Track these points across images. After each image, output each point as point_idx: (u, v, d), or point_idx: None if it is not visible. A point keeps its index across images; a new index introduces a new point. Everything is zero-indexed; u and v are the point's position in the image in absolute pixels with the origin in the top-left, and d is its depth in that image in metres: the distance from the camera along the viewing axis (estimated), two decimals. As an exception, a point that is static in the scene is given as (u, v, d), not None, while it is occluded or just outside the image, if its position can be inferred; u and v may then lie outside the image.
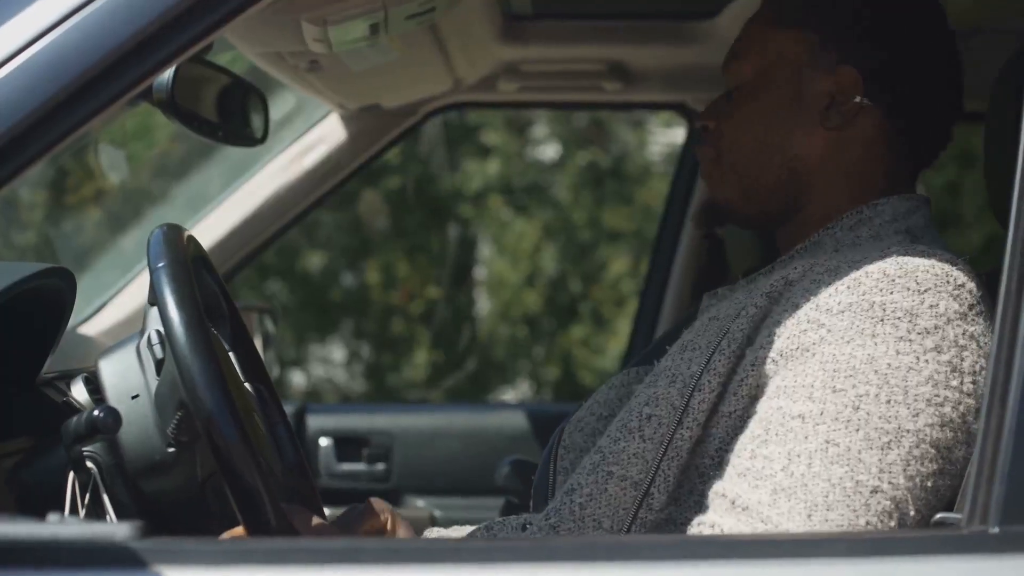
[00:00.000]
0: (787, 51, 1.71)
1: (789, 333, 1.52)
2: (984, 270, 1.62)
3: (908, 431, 1.45)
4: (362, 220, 8.41)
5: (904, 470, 1.44)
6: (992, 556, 1.28)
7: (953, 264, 1.54)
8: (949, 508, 1.48)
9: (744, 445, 1.50)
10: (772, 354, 1.53)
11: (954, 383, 1.48)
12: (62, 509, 1.73)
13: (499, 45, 3.09)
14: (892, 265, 1.53)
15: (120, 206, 5.75)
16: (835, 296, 1.51)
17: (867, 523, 1.42)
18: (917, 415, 1.46)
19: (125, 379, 1.76)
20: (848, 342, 1.49)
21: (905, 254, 1.54)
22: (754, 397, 1.55)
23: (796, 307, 1.53)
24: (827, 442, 1.45)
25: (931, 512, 1.47)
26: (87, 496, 1.74)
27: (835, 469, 1.44)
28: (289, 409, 3.18)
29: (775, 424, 1.49)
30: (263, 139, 2.63)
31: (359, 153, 3.27)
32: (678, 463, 1.56)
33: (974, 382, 1.49)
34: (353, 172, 3.31)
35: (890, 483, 1.44)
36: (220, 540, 1.37)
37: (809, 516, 1.42)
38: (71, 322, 2.04)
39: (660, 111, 6.66)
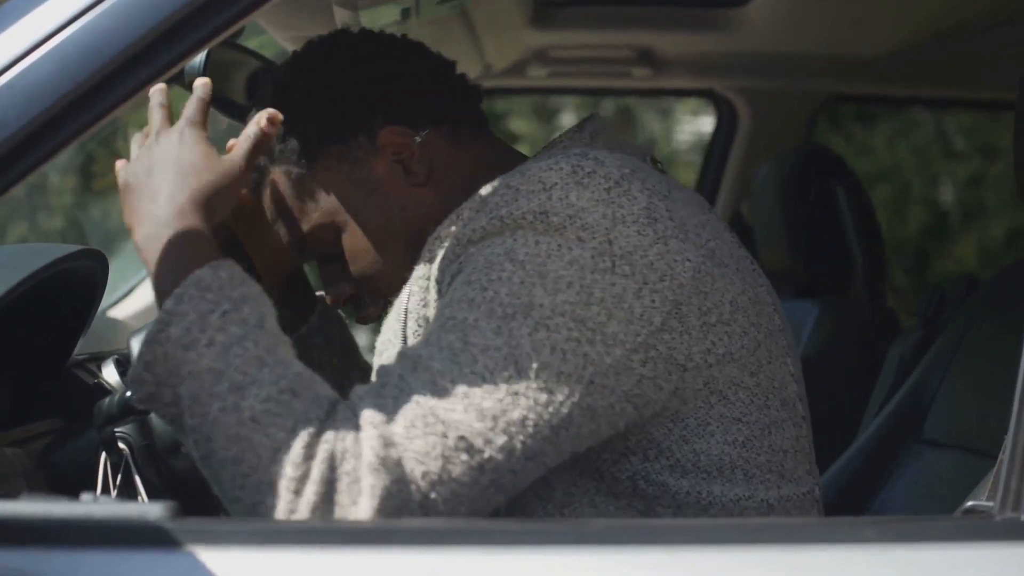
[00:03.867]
0: (333, 181, 1.70)
1: (444, 274, 1.52)
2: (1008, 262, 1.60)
3: (541, 305, 1.43)
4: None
5: (530, 334, 1.42)
6: (1024, 543, 1.27)
7: (582, 156, 1.52)
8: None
9: None
10: (436, 302, 1.54)
11: (604, 265, 1.46)
12: (93, 490, 1.75)
13: (529, 31, 3.09)
14: (515, 176, 1.51)
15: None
16: (471, 225, 1.50)
17: (473, 372, 1.40)
18: (555, 293, 1.44)
19: None
20: (487, 248, 1.47)
21: (529, 164, 1.53)
22: None
23: (446, 249, 1.53)
24: (448, 318, 1.44)
25: (596, 376, 1.44)
26: (119, 477, 1.76)
27: (447, 336, 1.43)
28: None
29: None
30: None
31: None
32: None
33: (631, 262, 1.46)
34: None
35: (507, 343, 1.42)
36: (253, 520, 1.38)
37: (414, 368, 1.42)
38: (101, 305, 2.05)
39: (688, 98, 6.64)
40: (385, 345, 1.65)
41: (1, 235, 5.61)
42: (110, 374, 2.04)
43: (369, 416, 1.39)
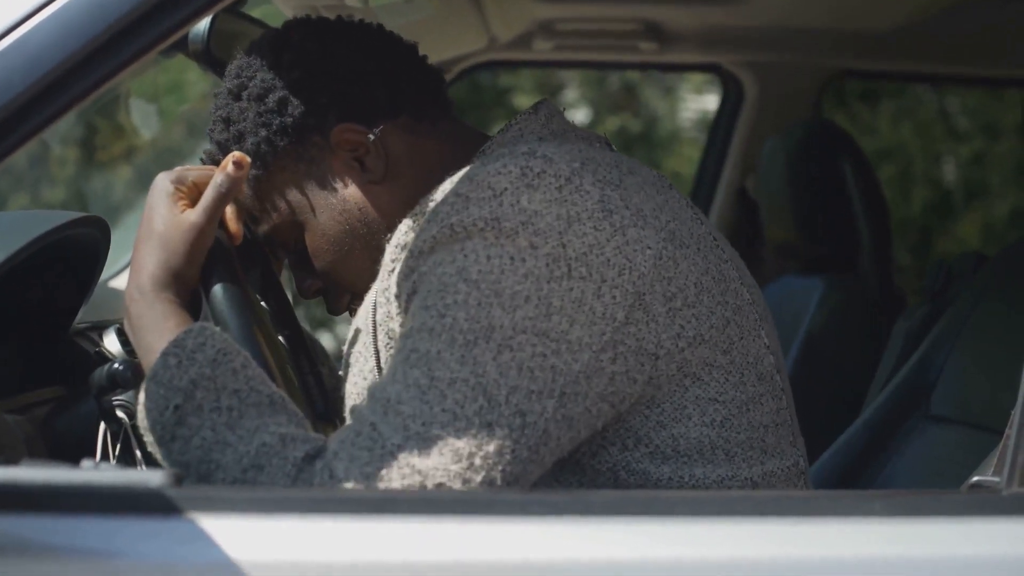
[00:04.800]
0: (289, 182, 1.68)
1: (401, 288, 1.51)
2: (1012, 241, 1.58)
3: (501, 326, 1.42)
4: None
5: (494, 358, 1.41)
6: (1032, 518, 1.27)
7: (530, 155, 1.50)
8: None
9: None
10: (399, 316, 1.53)
11: (559, 272, 1.44)
12: (93, 457, 1.74)
13: (535, 2, 3.07)
14: (463, 183, 1.49)
15: (151, 162, 5.75)
16: (423, 235, 1.48)
17: (444, 410, 1.39)
18: (514, 310, 1.42)
19: None
20: (439, 265, 1.46)
21: (477, 168, 1.50)
22: None
23: (402, 261, 1.51)
24: (411, 351, 1.43)
25: (568, 386, 1.43)
26: (118, 444, 1.75)
27: (412, 372, 1.42)
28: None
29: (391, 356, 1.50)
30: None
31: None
32: None
33: (587, 263, 1.45)
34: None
35: (473, 372, 1.41)
36: (254, 488, 1.37)
37: (385, 413, 1.41)
38: (103, 275, 2.05)
39: (695, 72, 6.62)
40: (356, 358, 1.63)
41: (3, 205, 5.61)
42: (111, 343, 2.03)
43: (344, 474, 1.39)
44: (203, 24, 2.02)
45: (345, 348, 1.68)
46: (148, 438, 1.46)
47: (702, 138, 6.52)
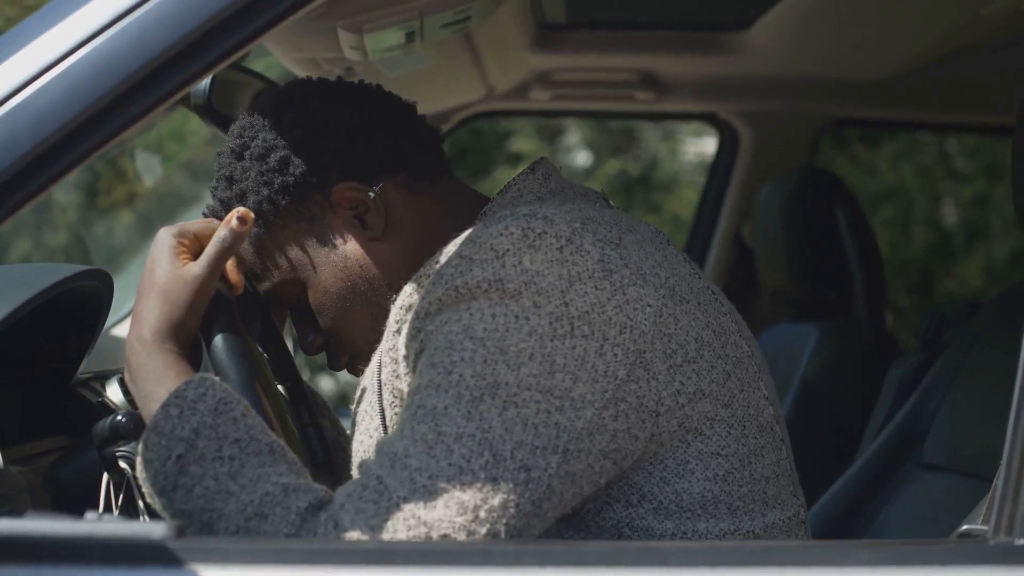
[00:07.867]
0: (290, 240, 1.71)
1: (409, 349, 1.53)
2: (1012, 283, 1.60)
3: (506, 382, 1.44)
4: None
5: (500, 414, 1.43)
6: (1019, 568, 1.28)
7: (531, 217, 1.52)
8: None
9: None
10: (406, 376, 1.55)
11: (562, 330, 1.47)
12: (97, 508, 1.76)
13: (532, 54, 3.11)
14: (466, 245, 1.52)
15: (153, 208, 5.78)
16: (428, 297, 1.51)
17: (450, 464, 1.42)
18: (519, 367, 1.45)
19: None
20: (445, 324, 1.49)
21: (480, 230, 1.53)
22: None
23: (409, 322, 1.54)
24: (418, 407, 1.46)
25: (571, 443, 1.45)
26: (121, 495, 1.77)
27: (419, 427, 1.45)
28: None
29: (399, 413, 1.52)
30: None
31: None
32: None
33: (590, 321, 1.48)
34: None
35: (479, 428, 1.43)
36: (256, 539, 1.39)
37: (392, 467, 1.43)
38: (105, 323, 2.06)
39: (691, 121, 6.66)
40: (362, 416, 1.66)
41: (5, 251, 5.62)
42: (114, 393, 2.05)
43: (349, 525, 1.41)
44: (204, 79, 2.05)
45: (352, 408, 1.70)
46: (147, 488, 1.48)
47: (701, 181, 6.56)
